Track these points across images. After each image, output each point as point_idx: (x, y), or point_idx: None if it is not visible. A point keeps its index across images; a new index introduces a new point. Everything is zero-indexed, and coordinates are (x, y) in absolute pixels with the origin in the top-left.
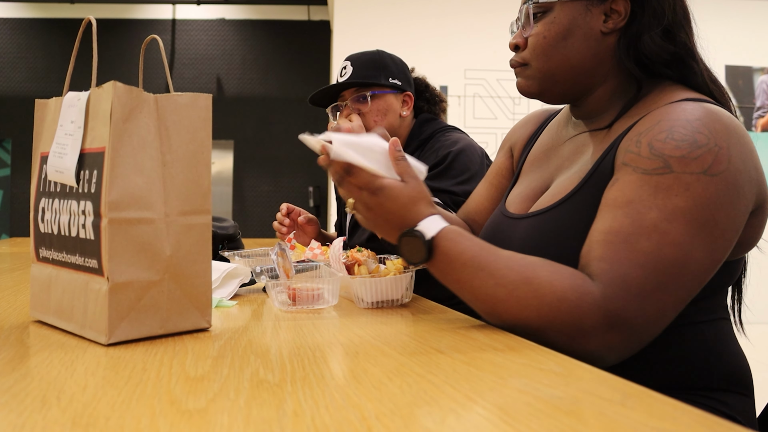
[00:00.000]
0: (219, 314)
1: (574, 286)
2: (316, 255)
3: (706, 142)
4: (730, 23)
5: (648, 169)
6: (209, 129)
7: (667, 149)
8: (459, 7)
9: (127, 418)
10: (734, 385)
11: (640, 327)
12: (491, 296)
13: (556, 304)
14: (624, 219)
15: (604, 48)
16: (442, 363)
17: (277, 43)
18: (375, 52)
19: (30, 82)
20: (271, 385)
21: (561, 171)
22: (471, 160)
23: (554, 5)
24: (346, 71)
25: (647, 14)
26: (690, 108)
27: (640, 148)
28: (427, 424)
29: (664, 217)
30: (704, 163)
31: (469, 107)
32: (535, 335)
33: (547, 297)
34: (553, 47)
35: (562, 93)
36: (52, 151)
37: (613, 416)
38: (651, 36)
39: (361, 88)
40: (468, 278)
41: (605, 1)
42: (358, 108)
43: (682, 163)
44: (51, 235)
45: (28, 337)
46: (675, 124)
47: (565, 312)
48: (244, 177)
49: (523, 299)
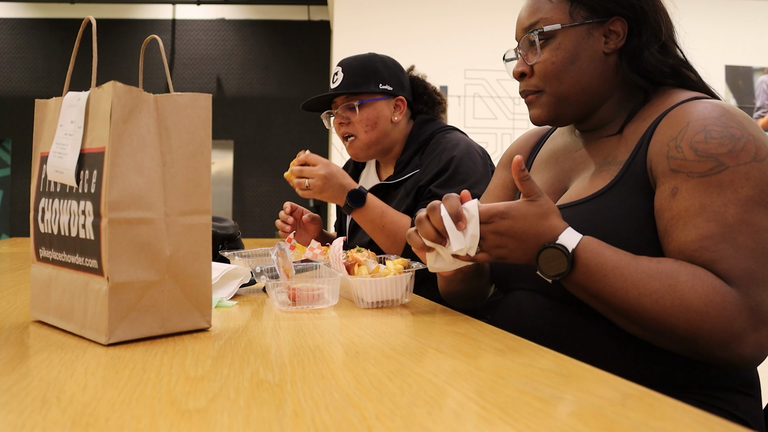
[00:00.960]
0: (219, 314)
1: (716, 288)
2: (316, 255)
3: (741, 134)
4: (730, 23)
5: (703, 171)
6: (209, 129)
7: (713, 148)
8: (459, 7)
9: (127, 418)
10: (743, 386)
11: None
12: (635, 306)
13: (704, 308)
14: (708, 224)
15: (607, 67)
16: (442, 363)
17: (277, 43)
18: (367, 57)
19: (30, 82)
20: (271, 385)
21: (577, 173)
22: (474, 163)
23: (557, 32)
24: (337, 78)
25: (646, 32)
26: (707, 106)
27: (684, 152)
28: (427, 424)
29: (742, 209)
30: (750, 152)
31: (469, 107)
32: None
33: (694, 303)
34: (563, 72)
35: (574, 115)
36: (52, 151)
37: (613, 416)
38: (650, 51)
39: (350, 97)
40: (609, 290)
41: (604, 24)
42: (348, 116)
43: (732, 157)
44: (51, 235)
45: (28, 337)
46: (706, 123)
47: (714, 317)
48: (244, 177)
49: (669, 308)
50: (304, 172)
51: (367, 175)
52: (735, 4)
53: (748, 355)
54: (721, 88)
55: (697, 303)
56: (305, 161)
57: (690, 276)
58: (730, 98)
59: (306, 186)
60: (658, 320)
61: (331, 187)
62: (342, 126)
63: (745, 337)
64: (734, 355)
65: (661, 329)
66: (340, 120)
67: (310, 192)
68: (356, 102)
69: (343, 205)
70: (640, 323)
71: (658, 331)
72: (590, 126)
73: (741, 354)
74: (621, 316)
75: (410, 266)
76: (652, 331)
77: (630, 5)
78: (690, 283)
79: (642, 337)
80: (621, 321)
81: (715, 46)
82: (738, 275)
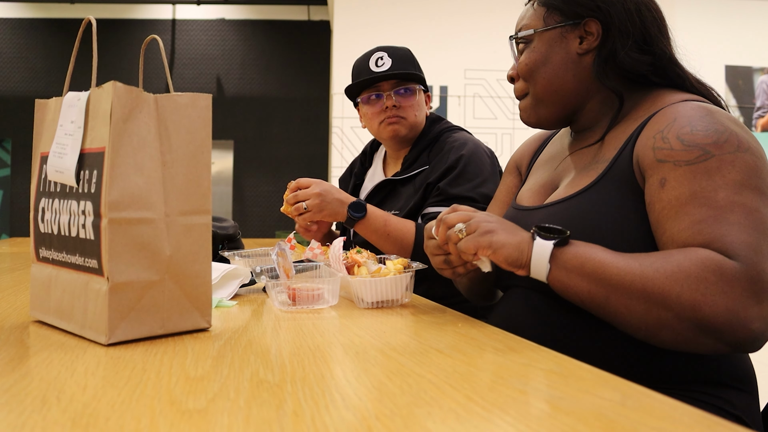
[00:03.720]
0: (219, 314)
1: (712, 257)
2: (316, 255)
3: (724, 129)
4: (730, 23)
5: (690, 159)
6: (209, 129)
7: (699, 138)
8: (459, 7)
9: (127, 418)
10: (739, 382)
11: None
12: (639, 277)
13: (703, 274)
14: (700, 209)
15: (582, 68)
16: (442, 363)
17: (277, 43)
18: (404, 47)
19: (30, 82)
20: (271, 385)
21: (566, 174)
22: (482, 162)
23: (533, 36)
24: (383, 62)
25: (614, 33)
26: (695, 106)
27: (670, 143)
28: (427, 424)
29: (732, 191)
30: (733, 143)
31: (469, 107)
32: (691, 317)
33: (692, 269)
34: (535, 72)
35: (555, 117)
36: (52, 151)
37: (613, 416)
38: (626, 52)
39: (403, 81)
40: (610, 267)
41: (579, 26)
42: (400, 100)
43: (717, 147)
44: (51, 235)
45: (28, 337)
46: (692, 120)
47: (713, 283)
48: (244, 177)
49: (671, 275)
50: (299, 196)
51: (373, 174)
52: (735, 4)
53: (757, 328)
54: (721, 88)
55: (696, 270)
56: (297, 186)
57: (683, 251)
58: (730, 98)
59: (304, 208)
60: (663, 288)
61: (329, 203)
62: (390, 109)
63: (749, 307)
64: (741, 328)
65: (668, 299)
66: (391, 102)
67: (310, 214)
68: (418, 86)
69: (346, 218)
70: (644, 294)
71: (664, 303)
72: (580, 127)
73: (749, 327)
74: (623, 293)
75: (410, 266)
76: (659, 304)
77: (597, 7)
78: (684, 254)
79: (647, 323)
80: (623, 301)
81: (715, 46)
82: (736, 248)
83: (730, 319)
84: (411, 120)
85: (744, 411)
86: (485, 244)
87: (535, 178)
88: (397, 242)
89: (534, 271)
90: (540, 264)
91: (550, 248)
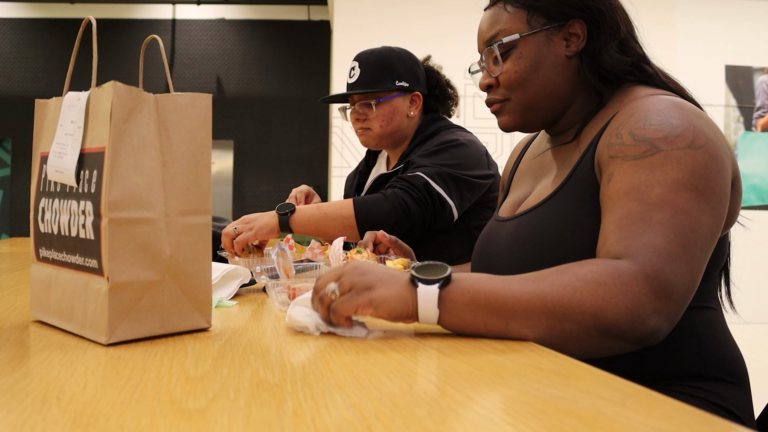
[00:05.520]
0: (219, 314)
1: (606, 262)
2: (316, 255)
3: (680, 123)
4: (730, 23)
5: (637, 154)
6: (209, 129)
7: (649, 133)
8: (459, 7)
9: (127, 418)
10: (727, 375)
11: (680, 289)
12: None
13: (600, 278)
14: (632, 203)
15: (571, 71)
16: (442, 363)
17: (277, 43)
18: (383, 51)
19: (30, 82)
20: (271, 385)
21: (540, 179)
22: (469, 151)
23: (518, 42)
24: (354, 73)
25: (604, 32)
26: (657, 100)
27: (622, 138)
28: (427, 424)
29: (668, 189)
30: (686, 139)
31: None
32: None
33: (588, 275)
34: (527, 80)
35: (542, 120)
36: (52, 151)
37: (613, 416)
38: (609, 52)
39: (367, 95)
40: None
41: (563, 28)
42: (366, 112)
43: (666, 142)
44: (51, 235)
45: (28, 337)
46: (648, 114)
47: (611, 284)
48: (244, 177)
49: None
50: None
51: (376, 172)
52: (735, 4)
53: (654, 323)
54: (721, 88)
55: (593, 275)
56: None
57: (579, 262)
58: (730, 98)
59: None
60: (563, 300)
61: (256, 219)
62: (358, 121)
63: (647, 304)
64: (641, 324)
65: (569, 309)
66: (356, 116)
67: (243, 236)
68: (373, 101)
69: (279, 222)
70: (545, 311)
71: (566, 315)
72: (557, 130)
73: (648, 323)
74: (522, 315)
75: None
76: (561, 317)
77: (585, 6)
78: (580, 264)
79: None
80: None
81: (715, 46)
82: (636, 250)
83: (631, 319)
84: (376, 131)
85: (734, 404)
86: (365, 303)
87: (516, 191)
88: (337, 218)
89: (423, 318)
90: (429, 311)
91: (436, 292)
